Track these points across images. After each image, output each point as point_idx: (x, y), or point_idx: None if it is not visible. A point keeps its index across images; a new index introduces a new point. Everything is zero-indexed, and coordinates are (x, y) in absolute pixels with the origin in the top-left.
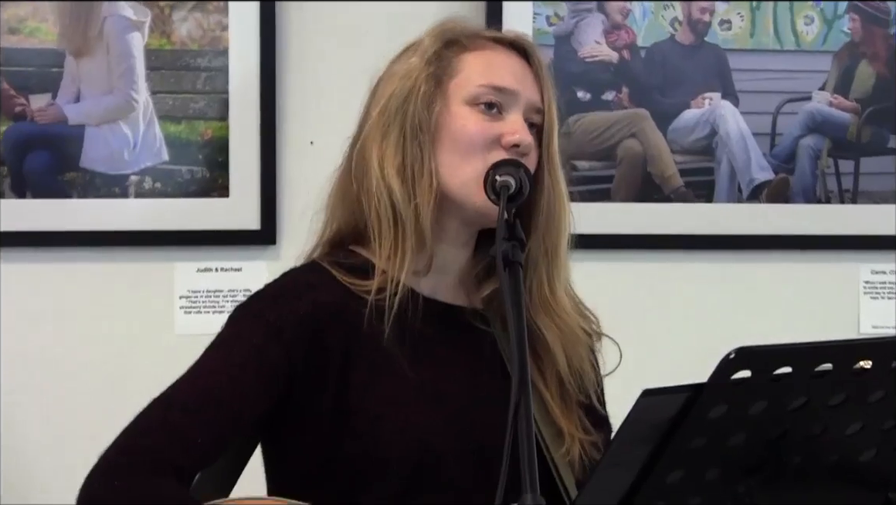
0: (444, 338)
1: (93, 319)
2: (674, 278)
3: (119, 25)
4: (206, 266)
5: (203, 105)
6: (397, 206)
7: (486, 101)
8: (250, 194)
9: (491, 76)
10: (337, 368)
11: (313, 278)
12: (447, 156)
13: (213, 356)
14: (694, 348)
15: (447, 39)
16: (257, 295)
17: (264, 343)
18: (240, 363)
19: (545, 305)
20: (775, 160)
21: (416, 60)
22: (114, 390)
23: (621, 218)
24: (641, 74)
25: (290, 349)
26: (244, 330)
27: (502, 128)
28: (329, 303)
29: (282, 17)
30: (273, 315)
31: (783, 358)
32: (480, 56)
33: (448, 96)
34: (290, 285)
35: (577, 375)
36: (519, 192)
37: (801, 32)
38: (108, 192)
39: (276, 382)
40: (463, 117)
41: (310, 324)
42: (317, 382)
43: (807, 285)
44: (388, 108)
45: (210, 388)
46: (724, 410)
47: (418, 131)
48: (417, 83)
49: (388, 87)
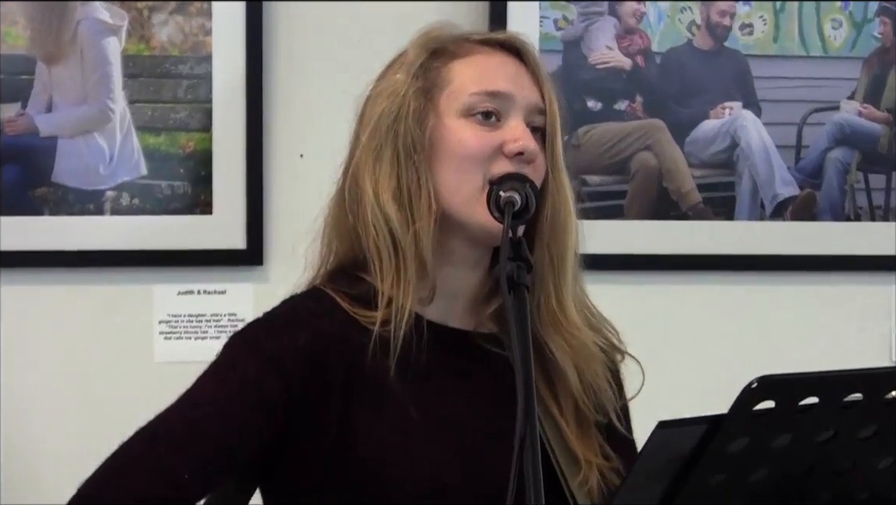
0: (454, 366)
1: (65, 346)
2: (691, 302)
3: (94, 29)
4: (188, 289)
5: (184, 115)
6: (396, 234)
7: (483, 110)
8: (235, 211)
9: (483, 82)
10: (338, 403)
11: (316, 306)
12: (446, 174)
13: (205, 386)
14: (713, 377)
15: (432, 49)
16: (255, 322)
17: (260, 374)
18: (233, 395)
19: (554, 320)
20: (801, 174)
21: (401, 77)
22: (88, 423)
23: (635, 237)
24: (656, 82)
25: (289, 382)
26: (239, 359)
27: (503, 136)
28: (332, 333)
29: (269, 19)
30: (271, 344)
31: (809, 387)
32: (470, 62)
33: (440, 110)
34: (290, 313)
35: (591, 394)
36: (525, 209)
37: (829, 37)
38: (81, 208)
39: (272, 418)
40: (459, 130)
41: (310, 355)
42: (317, 419)
43: (835, 309)
44: (377, 131)
45: (199, 420)
46: (745, 443)
47: (412, 151)
48: (406, 101)
49: (376, 109)
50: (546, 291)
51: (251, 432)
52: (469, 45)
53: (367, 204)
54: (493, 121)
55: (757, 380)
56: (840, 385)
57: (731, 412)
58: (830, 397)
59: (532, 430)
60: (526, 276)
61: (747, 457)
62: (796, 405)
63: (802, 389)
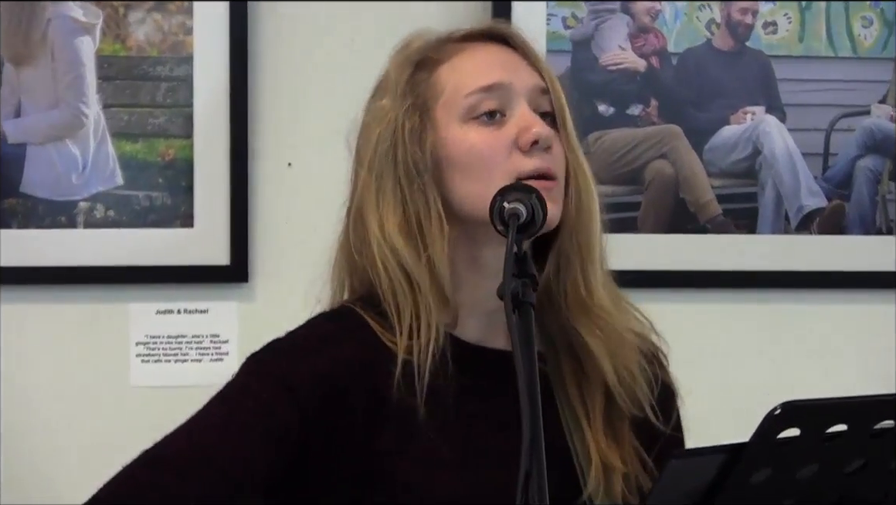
0: (485, 388)
1: (33, 370)
2: (710, 322)
3: (66, 28)
4: (167, 308)
5: (164, 120)
6: (407, 267)
7: (485, 110)
8: (218, 224)
9: (476, 79)
10: (360, 431)
11: (341, 328)
12: (464, 185)
13: (215, 411)
14: (733, 402)
15: (414, 62)
16: (274, 344)
17: (275, 403)
18: (245, 421)
19: (583, 306)
20: (828, 184)
21: (387, 101)
22: (59, 451)
23: (649, 252)
24: (673, 85)
25: (305, 409)
26: (253, 383)
27: (513, 128)
28: (354, 359)
29: (254, 18)
30: (288, 372)
31: (837, 414)
32: (457, 63)
33: (438, 122)
34: (312, 336)
35: (627, 386)
36: (531, 222)
37: (858, 36)
38: (52, 221)
39: (286, 446)
40: (465, 137)
41: (329, 382)
42: (335, 449)
43: (865, 330)
44: (374, 162)
45: (208, 446)
46: (768, 473)
47: (415, 174)
48: (399, 123)
49: (370, 139)
50: (573, 278)
51: (263, 462)
52: (452, 46)
53: (373, 241)
54: (497, 118)
55: (781, 406)
56: (870, 411)
57: (752, 440)
58: (860, 424)
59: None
60: (532, 294)
61: (770, 489)
62: (823, 433)
63: (830, 416)
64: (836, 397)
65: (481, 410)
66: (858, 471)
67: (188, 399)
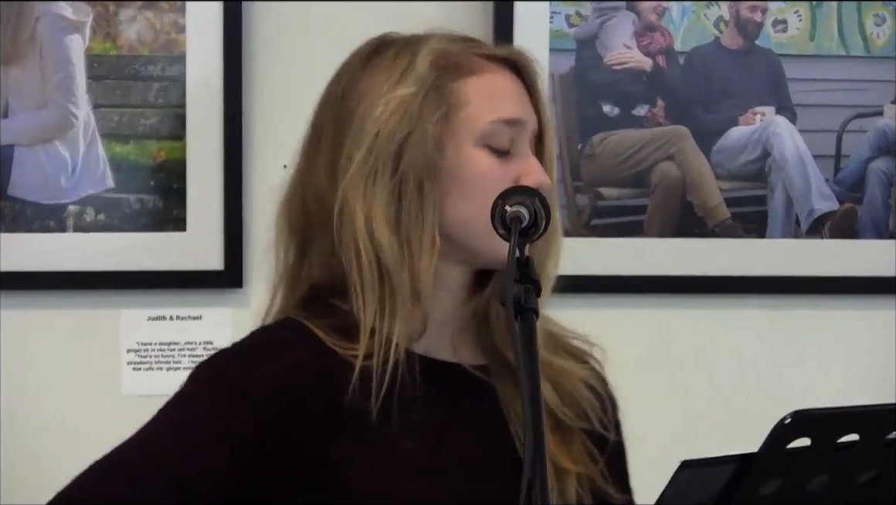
0: (440, 400)
1: (21, 376)
2: (718, 327)
3: (55, 26)
4: (159, 314)
5: (155, 121)
6: (386, 266)
7: (500, 145)
8: (212, 228)
9: (499, 108)
10: (315, 440)
11: (289, 337)
12: (459, 204)
13: (168, 418)
14: (742, 410)
15: (444, 64)
16: (224, 352)
17: (228, 408)
18: (199, 429)
19: None
20: (840, 187)
21: (412, 91)
22: (48, 463)
23: (656, 256)
24: (680, 85)
25: (259, 417)
26: (206, 391)
27: (517, 169)
28: (308, 366)
29: (249, 16)
30: (241, 376)
31: (849, 423)
32: (483, 83)
33: (456, 136)
34: (262, 344)
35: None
36: (533, 226)
37: (871, 35)
38: (41, 225)
39: (241, 453)
40: (478, 161)
41: (284, 389)
42: (290, 457)
43: (879, 337)
44: (377, 150)
45: (161, 454)
46: (778, 485)
47: (423, 181)
48: (423, 123)
49: (378, 124)
50: None
51: (218, 471)
52: (477, 61)
53: (357, 229)
54: (505, 155)
55: (791, 415)
56: (884, 420)
57: (762, 450)
58: (873, 434)
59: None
60: (535, 300)
61: (781, 500)
62: (835, 443)
63: (841, 425)
64: (848, 406)
65: (442, 418)
66: (871, 482)
67: None
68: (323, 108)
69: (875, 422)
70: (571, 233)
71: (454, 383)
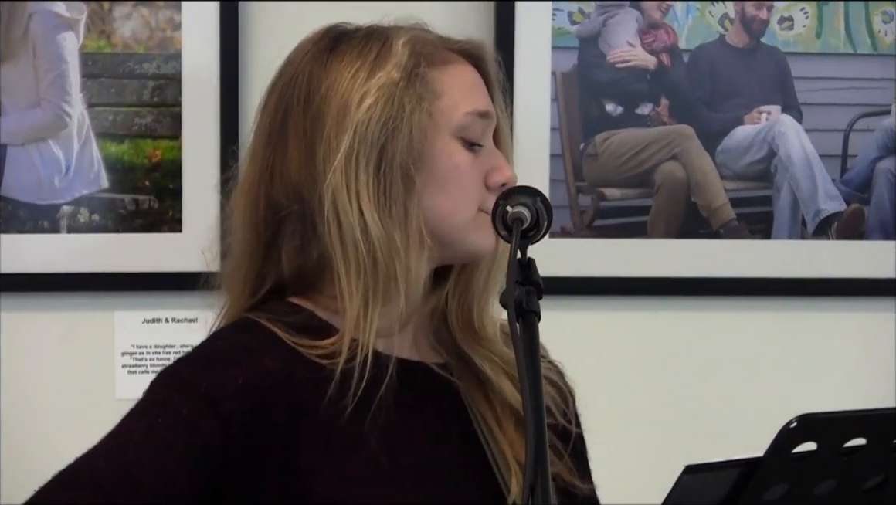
0: (407, 402)
1: (14, 380)
2: (724, 330)
3: (48, 24)
4: (155, 316)
5: (150, 120)
6: (378, 258)
7: (473, 137)
8: (208, 229)
9: (473, 100)
10: (282, 448)
11: (251, 340)
12: (436, 196)
13: (134, 427)
14: (747, 413)
15: (420, 51)
16: (187, 359)
17: (196, 416)
18: (166, 438)
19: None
20: (847, 187)
21: (395, 77)
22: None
23: (660, 258)
24: (684, 84)
25: (227, 424)
26: (171, 399)
27: (487, 164)
28: (273, 369)
29: (245, 14)
30: (206, 383)
31: (855, 427)
32: (454, 74)
33: (431, 126)
34: (225, 349)
35: None
36: (535, 226)
37: (878, 33)
38: (34, 225)
39: (209, 463)
40: (455, 153)
41: (251, 395)
42: (258, 462)
43: (887, 340)
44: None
45: (127, 463)
46: (784, 490)
47: (410, 170)
48: (407, 110)
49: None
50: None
51: (185, 481)
52: (448, 54)
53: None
54: (476, 148)
55: (797, 419)
56: (891, 424)
57: (767, 455)
58: (879, 438)
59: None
60: (537, 302)
61: None
62: (841, 447)
63: (848, 429)
64: (854, 410)
65: (413, 423)
66: (878, 487)
67: None
68: (282, 99)
69: (882, 426)
70: (574, 234)
71: (421, 383)
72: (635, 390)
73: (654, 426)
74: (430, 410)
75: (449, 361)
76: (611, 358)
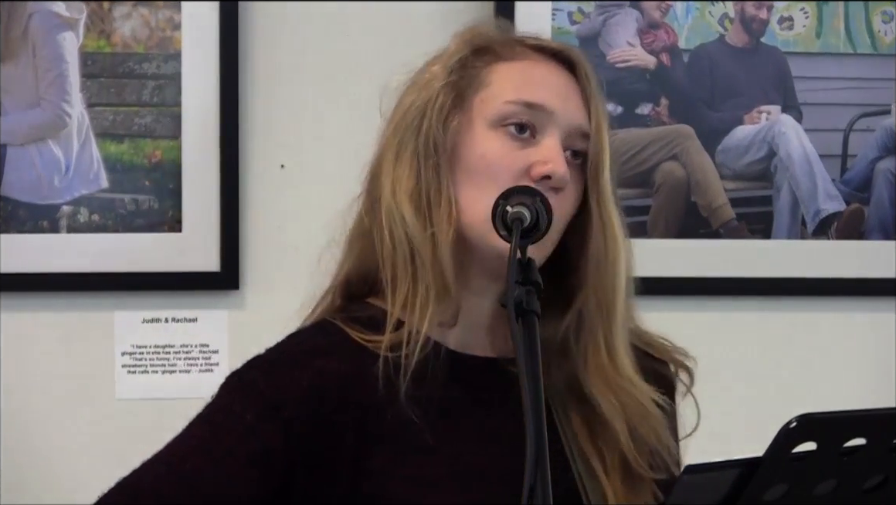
0: (477, 398)
1: (13, 380)
2: (722, 332)
3: (48, 24)
4: (154, 316)
5: (150, 120)
6: (413, 239)
7: (517, 121)
8: (208, 229)
9: (524, 91)
10: (350, 449)
11: (322, 341)
12: (464, 185)
13: (196, 434)
14: (747, 414)
15: (476, 46)
16: (255, 361)
17: (257, 421)
18: (228, 445)
19: (604, 374)
20: (847, 187)
21: (437, 69)
22: (40, 468)
23: (659, 258)
24: (684, 83)
25: (289, 429)
26: (235, 404)
27: (533, 155)
28: (340, 371)
29: (245, 14)
30: (269, 387)
31: (856, 427)
32: (514, 67)
33: (471, 114)
34: (292, 350)
35: (646, 451)
36: (535, 227)
37: (878, 32)
38: (34, 225)
39: (271, 468)
40: (485, 141)
41: (315, 398)
42: (325, 469)
43: (887, 339)
44: (403, 123)
45: (189, 472)
46: (783, 490)
47: (432, 151)
48: (434, 94)
49: (405, 100)
50: (595, 342)
51: (247, 486)
52: (518, 49)
53: (383, 203)
54: (525, 135)
55: (797, 419)
56: (891, 424)
57: (767, 455)
58: (879, 438)
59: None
60: (536, 301)
61: None
62: (841, 447)
63: (848, 429)
64: (854, 410)
65: (475, 423)
66: (878, 487)
67: (176, 412)
68: None
69: (882, 426)
70: None
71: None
72: None
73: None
74: (504, 407)
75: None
76: None
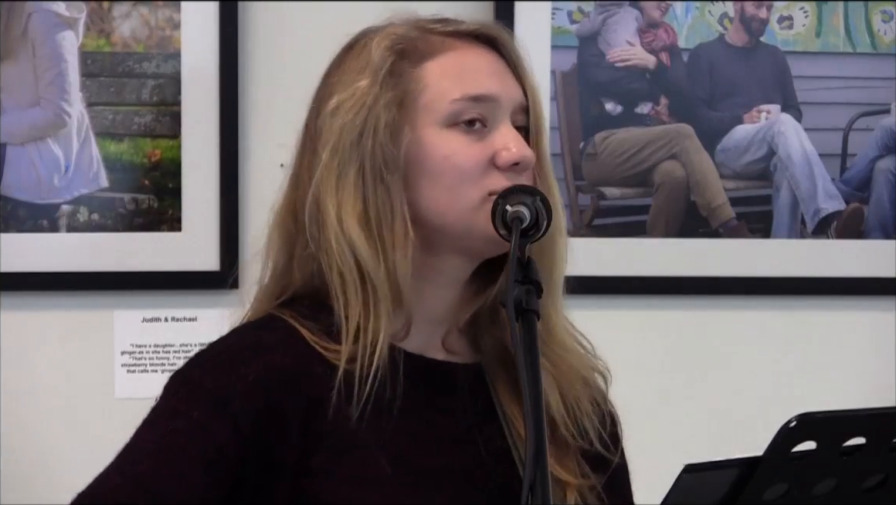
0: (434, 403)
1: (13, 379)
2: (722, 331)
3: (47, 23)
4: (154, 315)
5: (150, 119)
6: (364, 265)
7: (468, 117)
8: (208, 228)
9: (465, 85)
10: (297, 444)
11: (268, 336)
12: (433, 191)
13: (147, 437)
14: (747, 413)
15: (399, 50)
16: (196, 359)
17: (206, 418)
18: (178, 445)
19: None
20: (847, 187)
21: (365, 83)
22: (40, 468)
23: (659, 257)
24: (683, 83)
25: (239, 424)
26: (182, 403)
27: (493, 145)
28: (287, 366)
29: (245, 14)
30: (216, 383)
31: (855, 426)
32: (445, 61)
33: (417, 121)
34: (236, 346)
35: (574, 421)
36: (534, 226)
37: (878, 32)
38: (34, 224)
39: (224, 465)
40: (444, 144)
41: (261, 392)
42: (272, 461)
43: (886, 338)
44: (340, 146)
45: (142, 475)
46: (783, 489)
47: (382, 171)
48: (375, 113)
49: (337, 121)
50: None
51: (204, 486)
52: (439, 41)
53: (330, 229)
54: (477, 128)
55: (796, 418)
56: (890, 424)
57: (767, 454)
58: (879, 438)
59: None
60: (536, 301)
61: (785, 504)
62: (840, 446)
63: (847, 429)
64: (853, 409)
65: (428, 426)
66: (877, 486)
67: None
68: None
69: (881, 425)
70: (573, 233)
71: (449, 384)
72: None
73: (654, 425)
74: (455, 412)
75: (483, 361)
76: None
